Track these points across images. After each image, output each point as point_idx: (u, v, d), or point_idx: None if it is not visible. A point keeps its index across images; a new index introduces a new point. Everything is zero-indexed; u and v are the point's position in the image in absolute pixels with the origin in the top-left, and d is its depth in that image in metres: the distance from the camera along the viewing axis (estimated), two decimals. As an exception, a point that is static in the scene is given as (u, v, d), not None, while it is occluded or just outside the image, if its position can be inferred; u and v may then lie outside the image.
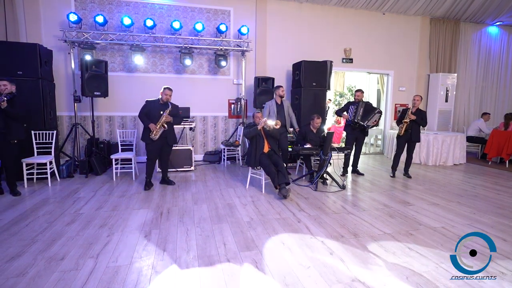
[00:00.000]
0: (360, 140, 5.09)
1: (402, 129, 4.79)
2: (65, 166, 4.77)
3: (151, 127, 4.00)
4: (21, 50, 4.34)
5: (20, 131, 3.84)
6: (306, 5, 6.54)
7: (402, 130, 4.80)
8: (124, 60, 5.75)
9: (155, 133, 4.01)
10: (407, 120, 4.73)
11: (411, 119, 4.72)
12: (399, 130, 4.86)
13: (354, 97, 5.07)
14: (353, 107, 4.89)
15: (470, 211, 3.47)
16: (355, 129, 4.93)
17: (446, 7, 6.96)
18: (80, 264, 2.19)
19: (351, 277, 2.08)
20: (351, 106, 4.94)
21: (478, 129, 7.04)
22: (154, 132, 4.00)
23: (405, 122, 4.75)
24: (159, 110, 4.07)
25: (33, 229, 2.79)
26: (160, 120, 4.02)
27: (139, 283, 1.98)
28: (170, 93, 4.15)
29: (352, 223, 3.06)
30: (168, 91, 4.13)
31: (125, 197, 3.83)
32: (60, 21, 5.33)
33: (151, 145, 4.12)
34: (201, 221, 3.07)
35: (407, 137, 4.86)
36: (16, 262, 2.21)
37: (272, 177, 3.88)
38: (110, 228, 2.84)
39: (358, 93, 4.99)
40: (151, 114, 4.08)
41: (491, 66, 8.12)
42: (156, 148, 4.16)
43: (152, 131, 4.00)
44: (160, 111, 4.07)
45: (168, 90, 4.13)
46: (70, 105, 5.46)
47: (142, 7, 5.71)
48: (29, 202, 3.56)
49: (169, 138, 4.21)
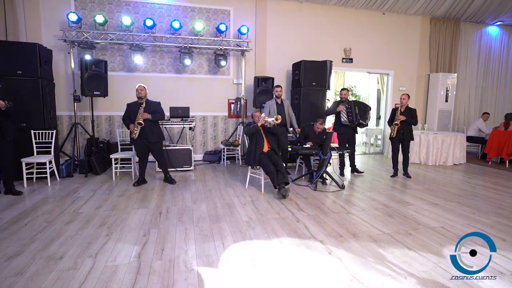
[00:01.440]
0: (352, 139, 5.06)
1: (394, 131, 4.79)
2: (65, 166, 4.77)
3: (130, 127, 4.16)
4: (21, 50, 4.34)
5: (13, 129, 3.82)
6: (306, 4, 6.54)
7: (394, 132, 4.80)
8: (123, 59, 5.75)
9: (134, 133, 4.14)
10: (397, 122, 4.72)
11: (400, 120, 4.72)
12: (391, 132, 4.85)
13: (340, 96, 5.04)
14: (346, 108, 4.83)
15: (469, 211, 3.46)
16: (348, 129, 4.91)
17: (446, 7, 6.95)
18: (78, 263, 2.19)
19: (349, 277, 2.07)
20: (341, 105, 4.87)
21: (477, 129, 7.03)
22: (132, 132, 4.15)
23: (396, 124, 4.74)
24: (137, 110, 4.16)
25: (32, 228, 2.79)
26: (137, 118, 4.11)
27: (137, 282, 1.98)
28: (140, 88, 4.21)
29: (351, 222, 3.06)
30: (139, 87, 4.22)
31: (124, 196, 3.83)
32: (60, 21, 5.34)
33: (135, 145, 4.31)
34: (200, 220, 3.06)
35: (400, 137, 4.86)
36: (14, 261, 2.21)
37: (272, 177, 3.87)
38: (109, 228, 2.84)
39: (345, 91, 4.99)
40: (132, 115, 4.20)
41: (491, 66, 8.11)
42: (140, 146, 4.28)
43: (131, 131, 4.15)
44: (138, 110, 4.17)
45: (138, 86, 4.22)
46: (70, 105, 5.47)
47: (142, 7, 5.71)
48: (28, 202, 3.56)
49: (150, 136, 4.23)
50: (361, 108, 4.82)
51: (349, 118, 4.80)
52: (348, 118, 4.81)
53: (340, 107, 4.87)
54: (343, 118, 4.86)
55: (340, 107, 4.87)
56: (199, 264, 2.21)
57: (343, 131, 4.96)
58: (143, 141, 4.23)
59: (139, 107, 4.16)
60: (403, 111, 4.79)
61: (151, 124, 4.23)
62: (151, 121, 4.21)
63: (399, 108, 4.82)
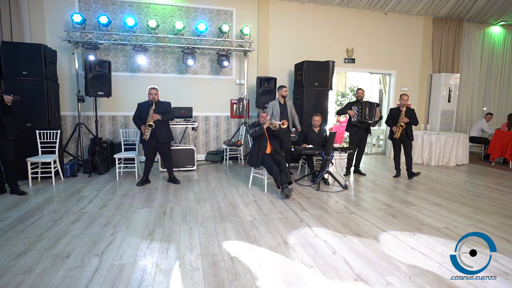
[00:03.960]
0: (363, 140, 5.10)
1: (398, 133, 4.79)
2: (69, 166, 4.81)
3: (142, 129, 4.17)
4: (26, 50, 4.38)
5: (15, 128, 3.82)
6: (308, 5, 6.55)
7: (398, 134, 4.79)
8: (127, 60, 5.78)
9: (145, 134, 4.16)
10: (402, 124, 4.73)
11: (405, 122, 4.72)
12: (394, 133, 4.84)
13: (356, 96, 5.06)
14: (356, 109, 4.89)
15: (473, 211, 3.46)
16: (360, 129, 4.93)
17: (449, 7, 6.94)
18: (85, 262, 2.21)
19: (353, 276, 2.09)
20: (354, 107, 4.93)
21: (480, 130, 7.02)
22: (143, 133, 4.15)
23: (401, 126, 4.74)
24: (148, 110, 4.17)
25: (39, 227, 2.82)
26: (148, 120, 4.13)
27: (144, 280, 2.00)
28: (154, 91, 4.21)
29: (354, 222, 3.07)
30: (153, 90, 4.21)
31: (128, 196, 3.86)
32: (65, 22, 5.37)
33: (145, 145, 4.29)
34: (204, 220, 3.09)
35: (402, 137, 4.86)
36: (22, 259, 2.24)
37: (275, 177, 3.89)
38: (114, 227, 2.87)
39: (361, 91, 5.00)
40: (142, 115, 4.21)
41: (494, 66, 8.09)
42: (149, 147, 4.29)
43: (143, 132, 4.16)
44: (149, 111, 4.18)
45: (153, 89, 4.22)
46: (74, 105, 5.50)
47: (145, 8, 5.75)
48: (34, 201, 3.59)
49: (160, 136, 4.25)
50: (370, 107, 4.87)
51: (358, 119, 4.85)
52: (357, 118, 4.87)
53: (350, 112, 4.93)
54: (353, 118, 4.92)
55: (350, 112, 4.94)
56: (204, 263, 2.23)
57: (355, 131, 4.99)
58: (153, 142, 4.24)
59: (149, 108, 4.15)
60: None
61: (161, 124, 4.25)
62: (161, 121, 4.23)
63: (402, 111, 4.79)
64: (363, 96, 5.00)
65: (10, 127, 3.74)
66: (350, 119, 5.06)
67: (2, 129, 3.67)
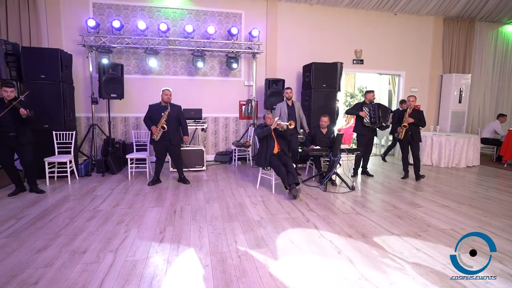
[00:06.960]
0: (371, 141, 5.11)
1: (402, 133, 4.79)
2: (83, 165, 4.99)
3: (153, 129, 4.26)
4: (44, 55, 4.57)
5: (29, 134, 3.91)
6: (316, 7, 6.58)
7: (402, 134, 4.80)
8: (139, 63, 5.95)
9: (155, 135, 4.25)
10: (405, 124, 4.72)
11: (409, 122, 4.71)
12: (399, 134, 4.84)
13: (366, 99, 4.97)
14: (369, 110, 4.86)
15: (481, 213, 3.45)
16: (369, 131, 4.94)
17: (460, 6, 6.85)
18: (101, 258, 2.33)
19: (358, 276, 2.14)
20: (365, 108, 4.92)
21: (493, 131, 6.89)
22: (154, 134, 4.24)
23: (404, 126, 4.74)
24: (161, 112, 4.27)
25: (57, 224, 2.97)
26: (160, 122, 4.23)
27: (156, 276, 2.10)
28: (169, 93, 4.33)
29: (360, 223, 3.11)
30: (167, 91, 4.32)
31: (140, 195, 3.99)
32: (79, 27, 5.58)
33: (156, 146, 4.40)
34: (213, 219, 3.18)
35: (409, 139, 4.85)
36: (43, 254, 2.38)
37: (282, 178, 3.95)
38: (127, 225, 2.99)
39: (371, 94, 4.94)
40: (154, 117, 4.32)
41: (508, 66, 7.92)
42: (160, 148, 4.40)
43: (153, 133, 4.25)
44: (161, 113, 4.27)
45: (167, 91, 4.33)
46: (88, 107, 5.69)
47: (156, 12, 5.90)
48: (51, 199, 3.77)
49: (173, 138, 4.37)
50: (384, 110, 4.88)
51: (371, 120, 4.84)
52: (370, 120, 4.85)
53: (362, 113, 4.87)
54: (366, 119, 4.88)
55: (362, 113, 4.87)
56: (213, 260, 2.32)
57: (365, 132, 4.98)
58: (165, 143, 4.37)
59: (163, 111, 4.25)
60: (410, 113, 4.77)
61: (174, 127, 4.38)
62: (174, 124, 4.36)
63: (407, 110, 4.78)
64: (373, 99, 4.98)
65: (24, 134, 3.82)
66: (359, 120, 4.99)
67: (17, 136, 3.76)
